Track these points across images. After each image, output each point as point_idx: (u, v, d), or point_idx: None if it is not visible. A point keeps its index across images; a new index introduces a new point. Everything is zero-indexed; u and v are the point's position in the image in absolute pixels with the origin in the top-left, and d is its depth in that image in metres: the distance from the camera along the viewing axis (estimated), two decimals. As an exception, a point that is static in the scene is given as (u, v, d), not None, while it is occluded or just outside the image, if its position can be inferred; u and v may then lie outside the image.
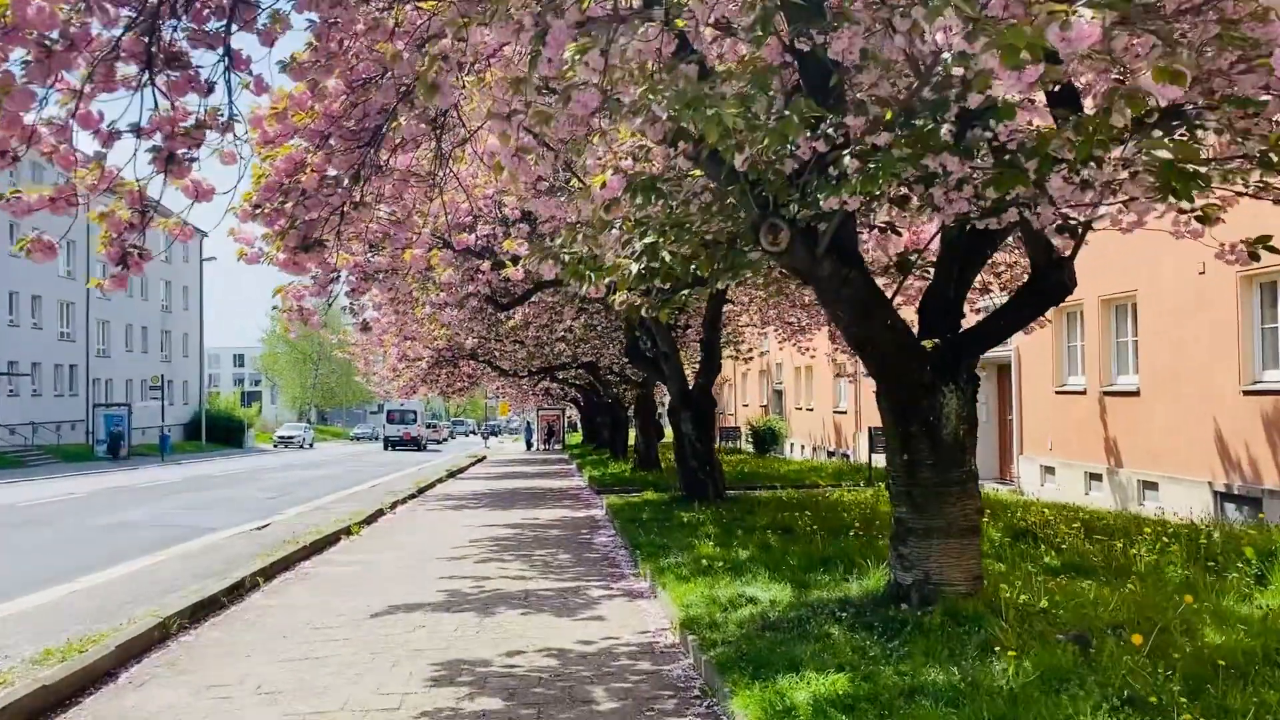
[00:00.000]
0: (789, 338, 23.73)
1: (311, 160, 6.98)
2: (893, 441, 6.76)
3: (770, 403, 39.71)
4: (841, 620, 6.65)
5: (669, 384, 16.85)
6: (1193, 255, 14.54)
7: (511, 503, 20.36)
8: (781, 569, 9.01)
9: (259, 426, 75.09)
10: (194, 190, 6.56)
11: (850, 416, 30.02)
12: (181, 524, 16.92)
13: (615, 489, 20.99)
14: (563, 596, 9.56)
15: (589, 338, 21.43)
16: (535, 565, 11.58)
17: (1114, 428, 17.24)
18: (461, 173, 9.89)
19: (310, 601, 9.74)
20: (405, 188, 7.98)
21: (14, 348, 43.99)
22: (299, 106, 6.99)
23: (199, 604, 9.07)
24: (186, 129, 6.07)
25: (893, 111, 4.77)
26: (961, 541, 6.69)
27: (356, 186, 7.43)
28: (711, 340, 15.86)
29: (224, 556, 12.21)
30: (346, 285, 11.20)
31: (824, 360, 28.67)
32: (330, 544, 14.00)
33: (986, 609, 6.47)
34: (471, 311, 16.23)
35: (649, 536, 11.95)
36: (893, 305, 6.27)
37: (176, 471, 35.51)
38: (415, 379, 26.49)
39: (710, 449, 16.24)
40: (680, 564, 9.76)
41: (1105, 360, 17.48)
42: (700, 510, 14.30)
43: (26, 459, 39.69)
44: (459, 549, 13.16)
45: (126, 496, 23.61)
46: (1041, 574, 8.83)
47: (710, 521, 13.09)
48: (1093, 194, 4.95)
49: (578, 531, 14.85)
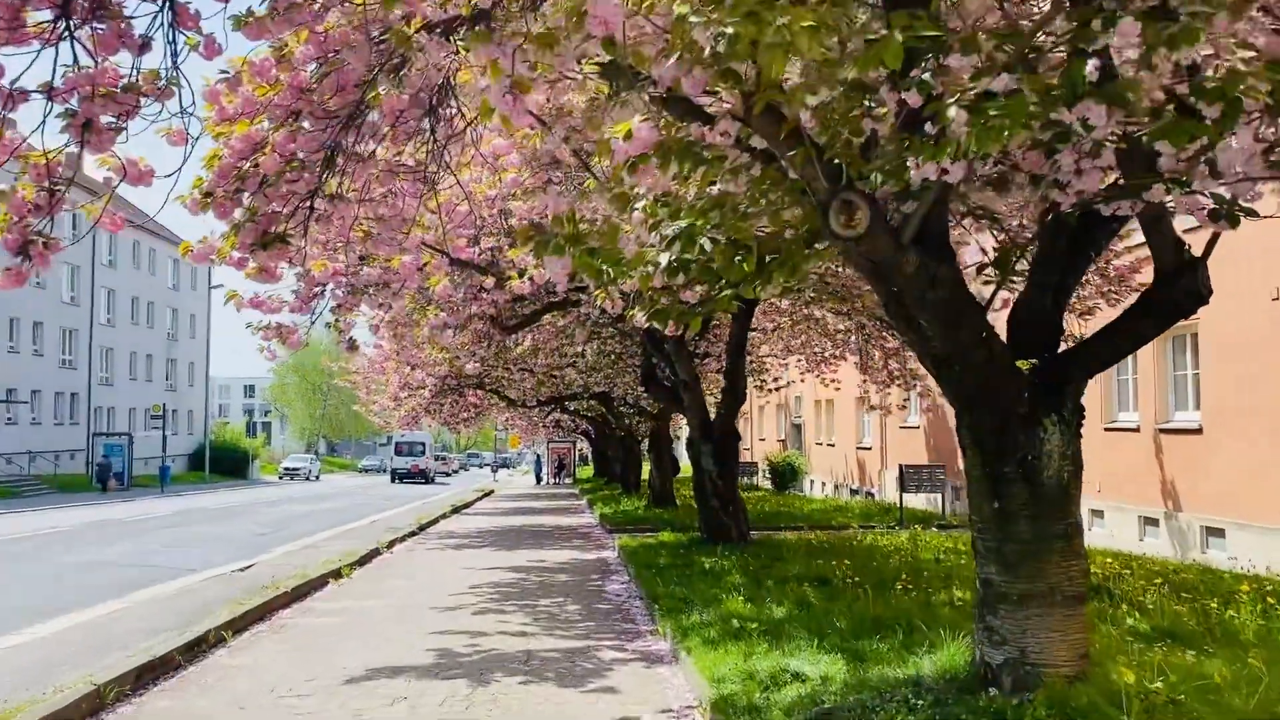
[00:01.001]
0: (813, 368, 22.47)
1: (273, 139, 5.78)
2: (979, 486, 5.47)
3: (789, 437, 38.30)
4: (917, 710, 5.32)
5: (688, 415, 15.55)
6: (1263, 279, 13.26)
7: (517, 542, 19.03)
8: (827, 633, 7.68)
9: (266, 458, 73.90)
10: (128, 172, 5.40)
11: (875, 453, 28.61)
12: (160, 563, 15.66)
13: (628, 528, 19.64)
14: (570, 659, 8.24)
15: (601, 365, 20.19)
16: (539, 618, 10.26)
17: (1171, 468, 15.85)
18: (464, 179, 8.71)
19: (280, 661, 8.45)
20: (391, 180, 6.77)
21: (13, 375, 42.95)
22: (260, 76, 5.81)
23: (148, 665, 7.80)
24: (109, 91, 4.90)
25: (1011, 48, 3.54)
26: (1065, 612, 5.37)
27: (329, 173, 6.24)
28: (735, 367, 14.54)
29: (194, 603, 10.94)
30: (332, 300, 10.01)
31: (848, 393, 27.37)
32: (316, 588, 12.71)
33: (1102, 698, 5.14)
34: (476, 335, 15.01)
35: (668, 586, 10.61)
36: (987, 314, 5.02)
37: (173, 504, 34.28)
38: (418, 408, 25.19)
39: (733, 486, 14.90)
40: (706, 623, 8.43)
41: (1161, 395, 16.11)
42: (723, 555, 12.95)
43: (21, 489, 38.50)
44: (456, 596, 11.85)
45: (112, 531, 22.37)
46: (1133, 641, 7.50)
47: (736, 569, 11.74)
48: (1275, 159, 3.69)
49: (587, 577, 13.51)
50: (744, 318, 14.25)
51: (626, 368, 20.60)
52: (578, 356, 18.75)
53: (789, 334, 20.23)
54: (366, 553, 16.23)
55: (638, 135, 3.43)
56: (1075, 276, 5.61)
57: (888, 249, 4.20)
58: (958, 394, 5.22)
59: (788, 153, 3.91)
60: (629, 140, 3.47)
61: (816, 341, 21.02)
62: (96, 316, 50.48)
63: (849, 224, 3.94)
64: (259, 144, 5.79)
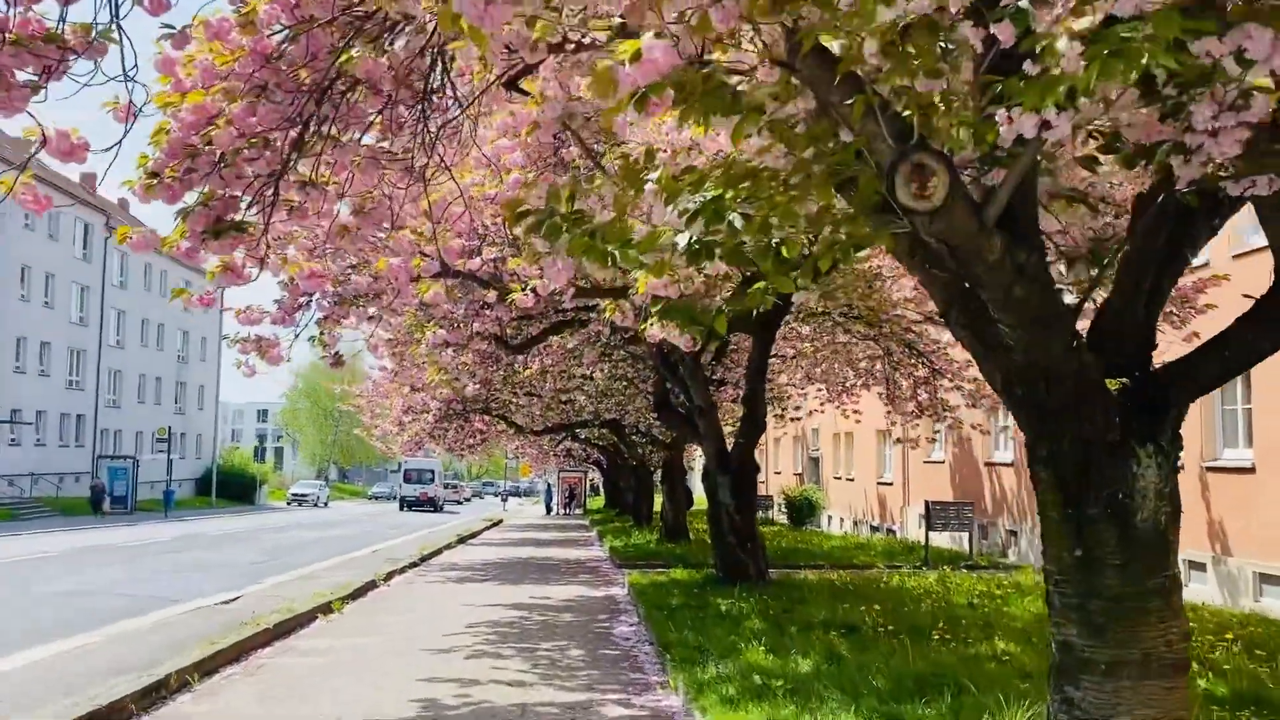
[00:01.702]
0: (834, 398, 21.55)
1: (229, 110, 4.97)
2: (1057, 529, 4.56)
3: (806, 471, 37.25)
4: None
5: (704, 443, 14.62)
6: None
7: (522, 576, 18.07)
8: (863, 692, 6.73)
9: (276, 483, 73.11)
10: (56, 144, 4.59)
11: (897, 488, 27.56)
12: (142, 593, 14.79)
13: (639, 563, 18.67)
14: (570, 714, 7.30)
15: (612, 391, 19.29)
16: (539, 664, 9.33)
17: (1219, 509, 14.83)
18: (464, 184, 7.90)
19: (247, 709, 7.57)
20: (375, 170, 5.93)
21: (18, 395, 42.34)
22: (219, 38, 5.01)
23: (93, 716, 6.91)
24: (18, 38, 4.11)
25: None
26: (1164, 684, 4.44)
27: (297, 155, 5.42)
28: (755, 393, 13.61)
29: (168, 639, 10.06)
30: (319, 311, 9.20)
31: (869, 425, 26.40)
32: (303, 624, 11.81)
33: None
34: (480, 356, 14.17)
35: (681, 632, 9.67)
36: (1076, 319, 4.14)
37: (173, 529, 33.44)
38: (421, 433, 24.29)
39: (751, 522, 13.95)
40: (724, 677, 7.48)
41: (1208, 431, 15.10)
42: (741, 597, 11.98)
43: (20, 512, 37.73)
44: (451, 636, 10.93)
45: (102, 557, 21.53)
46: (1216, 709, 6.54)
47: (755, 613, 10.78)
48: None
49: (594, 617, 12.56)
50: (765, 339, 13.35)
51: (638, 393, 19.69)
52: (586, 379, 17.87)
53: (810, 361, 19.33)
54: (361, 585, 15.33)
55: (649, 57, 2.59)
56: (1171, 280, 4.71)
57: (969, 228, 3.32)
58: (1038, 417, 4.30)
59: (844, 103, 3.07)
60: (636, 64, 2.63)
61: (839, 370, 20.13)
62: (106, 337, 49.97)
63: (921, 193, 3.09)
64: (214, 117, 4.98)
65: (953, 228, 3.31)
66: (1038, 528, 17.56)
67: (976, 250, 3.46)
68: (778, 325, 13.35)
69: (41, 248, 43.92)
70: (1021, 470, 20.69)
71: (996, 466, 21.84)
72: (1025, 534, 20.36)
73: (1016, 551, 20.78)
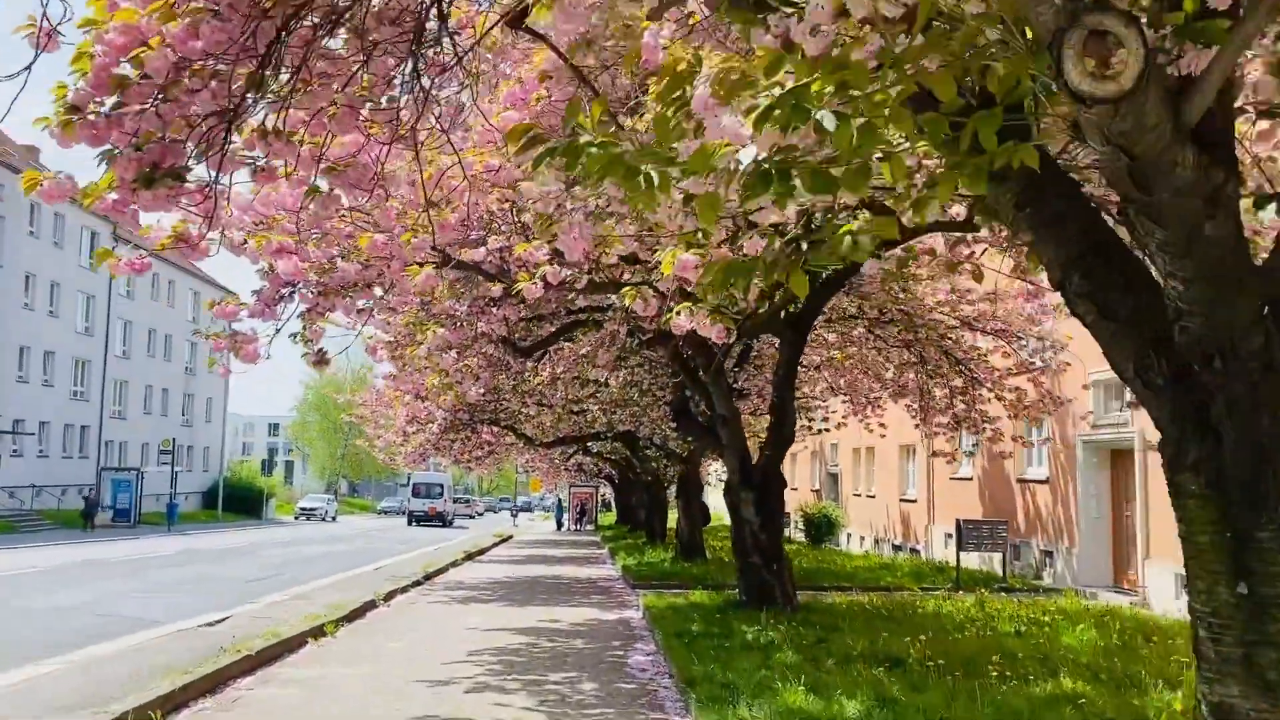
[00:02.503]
0: (858, 411, 20.52)
1: (166, 30, 4.02)
2: (1210, 558, 3.55)
3: (824, 487, 36.12)
4: None
5: (726, 455, 13.58)
6: None
7: (530, 596, 17.05)
8: (928, 747, 5.70)
9: (284, 497, 72.22)
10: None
11: (921, 506, 26.43)
12: (124, 613, 13.84)
13: (654, 583, 17.63)
14: (582, 766, 6.30)
15: (627, 400, 18.28)
16: (547, 700, 8.31)
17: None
18: (467, 161, 6.94)
19: (209, 756, 6.59)
20: (353, 119, 4.97)
21: (21, 405, 41.55)
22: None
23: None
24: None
25: None
26: (1355, 759, 3.41)
27: (256, 96, 4.47)
28: (784, 400, 12.55)
29: (132, 669, 9.07)
30: (303, 303, 8.24)
31: (892, 440, 25.33)
32: (290, 650, 10.81)
33: None
34: (486, 360, 13.19)
35: (705, 665, 8.63)
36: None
37: (174, 543, 32.53)
38: (426, 444, 23.30)
39: (778, 540, 12.90)
40: (760, 722, 6.47)
41: (1269, 445, 14.01)
42: (769, 624, 10.92)
43: (19, 524, 36.87)
44: (450, 666, 9.93)
45: (92, 572, 20.60)
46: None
47: (786, 643, 9.74)
48: None
49: (607, 644, 11.52)
50: (794, 342, 12.33)
51: (654, 402, 18.68)
52: (600, 387, 16.86)
53: (835, 371, 18.32)
54: (359, 606, 14.34)
55: None
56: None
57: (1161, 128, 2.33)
58: (1192, 407, 3.29)
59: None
60: None
61: (864, 382, 19.11)
62: (111, 348, 49.23)
63: (1100, 69, 2.12)
64: (143, 39, 4.04)
65: (1142, 125, 2.32)
66: (1075, 548, 16.32)
67: (1161, 166, 2.48)
68: (809, 327, 12.34)
69: (46, 255, 43.23)
70: (1057, 487, 19.58)
71: (1030, 483, 20.72)
72: (1061, 555, 19.24)
73: (1052, 573, 19.65)
